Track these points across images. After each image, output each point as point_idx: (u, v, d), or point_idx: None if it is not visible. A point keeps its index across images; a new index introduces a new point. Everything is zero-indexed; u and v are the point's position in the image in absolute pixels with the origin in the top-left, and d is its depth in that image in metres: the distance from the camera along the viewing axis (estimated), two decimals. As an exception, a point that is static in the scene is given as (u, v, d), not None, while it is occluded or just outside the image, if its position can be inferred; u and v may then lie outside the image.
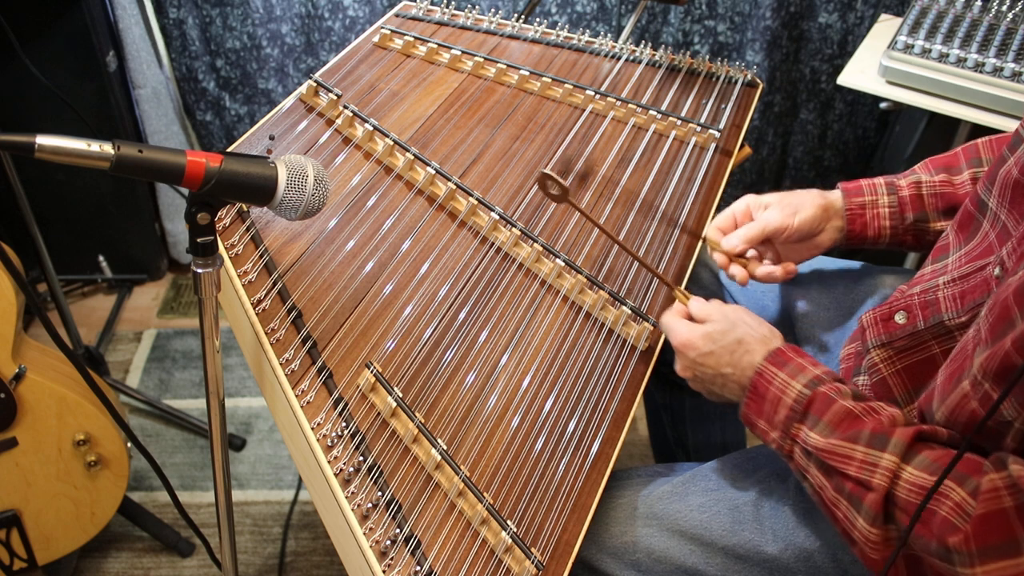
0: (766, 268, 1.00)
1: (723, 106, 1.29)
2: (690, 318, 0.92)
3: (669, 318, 0.93)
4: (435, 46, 1.27)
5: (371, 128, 1.11)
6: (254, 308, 0.93)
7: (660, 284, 1.05)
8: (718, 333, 0.87)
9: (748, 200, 1.02)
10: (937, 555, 0.69)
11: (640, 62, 1.35)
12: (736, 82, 1.34)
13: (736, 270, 1.00)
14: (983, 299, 0.76)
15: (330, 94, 1.13)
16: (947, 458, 0.71)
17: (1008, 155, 0.82)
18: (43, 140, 0.65)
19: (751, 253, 1.02)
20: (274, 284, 0.95)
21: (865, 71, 1.46)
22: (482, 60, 1.25)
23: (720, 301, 0.93)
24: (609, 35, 1.47)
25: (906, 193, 0.99)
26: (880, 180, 1.00)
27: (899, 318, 0.85)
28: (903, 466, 0.72)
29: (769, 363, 0.83)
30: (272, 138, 1.10)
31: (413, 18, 1.34)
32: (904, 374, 0.85)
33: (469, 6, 1.38)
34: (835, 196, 1.01)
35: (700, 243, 1.12)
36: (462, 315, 0.97)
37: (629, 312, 1.00)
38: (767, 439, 0.83)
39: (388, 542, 0.80)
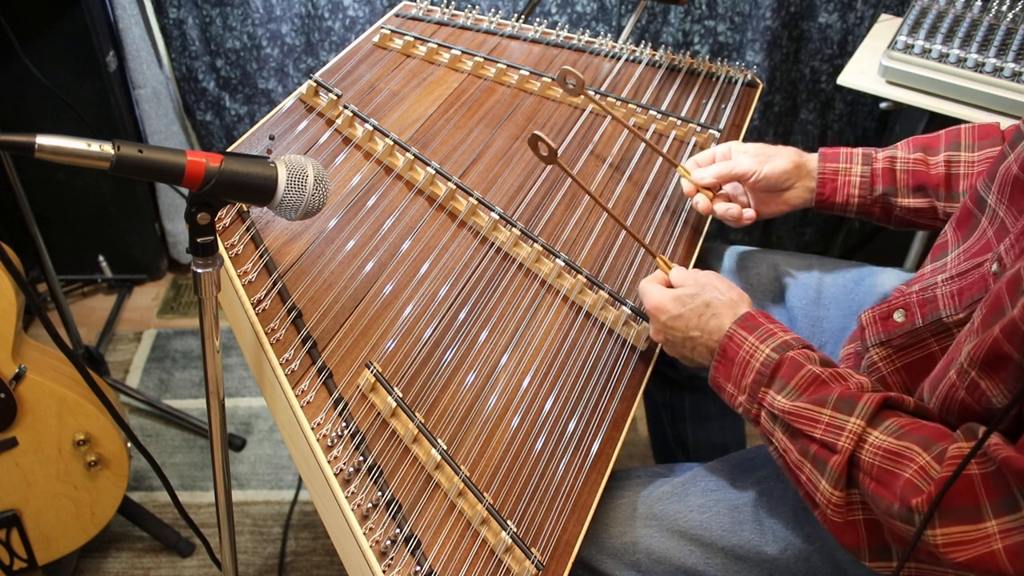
0: (725, 206, 1.05)
1: (723, 106, 1.29)
2: (668, 285, 0.94)
3: (645, 283, 0.95)
4: (435, 46, 1.27)
5: (371, 128, 1.11)
6: (254, 308, 0.93)
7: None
8: (687, 296, 0.89)
9: (731, 144, 1.07)
10: (899, 516, 0.69)
11: (640, 62, 1.35)
12: (736, 82, 1.34)
13: (700, 198, 1.05)
14: (980, 295, 0.76)
15: (330, 94, 1.13)
16: (913, 425, 0.72)
17: (1008, 152, 0.82)
18: (43, 140, 0.65)
19: (726, 193, 1.07)
20: (274, 284, 0.95)
21: (865, 71, 1.46)
22: (482, 60, 1.25)
23: (697, 269, 0.95)
24: (609, 35, 1.47)
25: (880, 166, 1.01)
26: (859, 150, 1.03)
27: (897, 316, 0.85)
28: (869, 430, 0.72)
29: (739, 327, 0.84)
30: (272, 138, 1.10)
31: (413, 18, 1.34)
32: (903, 372, 0.85)
33: (469, 6, 1.38)
34: (812, 157, 1.04)
35: (700, 241, 1.12)
36: (462, 315, 0.97)
37: (629, 312, 1.00)
38: (734, 403, 0.84)
39: (388, 542, 0.80)
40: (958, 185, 0.97)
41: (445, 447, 0.86)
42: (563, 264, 1.02)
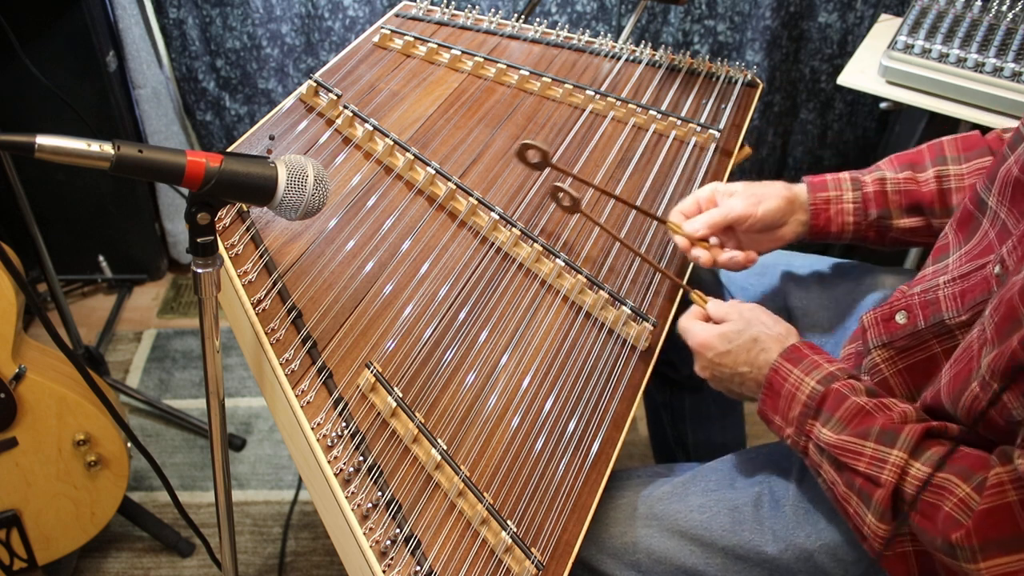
0: (729, 253, 0.99)
1: (723, 106, 1.29)
2: (707, 320, 0.93)
3: (686, 320, 0.93)
4: (435, 46, 1.27)
5: (371, 128, 1.11)
6: (254, 308, 0.93)
7: (660, 284, 1.05)
8: (734, 333, 0.88)
9: (714, 187, 1.01)
10: (942, 551, 0.69)
11: (640, 62, 1.35)
12: (736, 82, 1.34)
13: (699, 252, 0.99)
14: (983, 297, 0.76)
15: (330, 94, 1.13)
16: (955, 455, 0.72)
17: (1008, 153, 0.82)
18: (43, 140, 0.65)
19: (713, 241, 1.01)
20: (274, 284, 0.95)
21: (865, 71, 1.46)
22: (482, 60, 1.25)
23: (738, 301, 0.93)
24: (609, 35, 1.47)
25: (871, 189, 0.99)
26: (845, 175, 1.01)
27: (900, 318, 0.85)
28: (911, 462, 0.72)
29: (784, 360, 0.84)
30: (272, 138, 1.10)
31: (413, 18, 1.34)
32: (906, 374, 0.85)
33: (469, 6, 1.38)
34: (800, 189, 1.01)
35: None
36: (462, 315, 0.97)
37: (629, 312, 1.00)
38: (783, 435, 0.84)
39: (388, 542, 0.80)
40: (951, 199, 0.96)
41: (445, 447, 0.86)
42: (563, 264, 1.02)
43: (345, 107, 1.13)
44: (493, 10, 1.45)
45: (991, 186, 0.83)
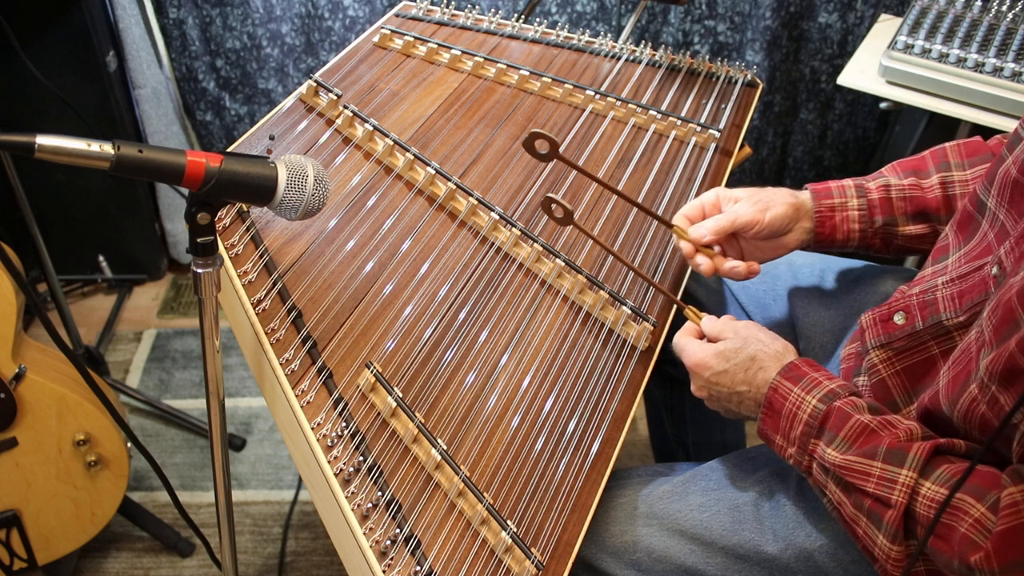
0: (731, 263, 0.96)
1: (723, 106, 1.29)
2: (702, 337, 0.91)
3: (681, 338, 0.92)
4: (435, 46, 1.27)
5: (371, 128, 1.11)
6: (254, 308, 0.93)
7: (661, 284, 1.05)
8: (731, 351, 0.86)
9: (718, 192, 0.99)
10: (960, 572, 0.68)
11: (640, 62, 1.35)
12: (736, 82, 1.34)
13: (702, 260, 0.96)
14: (980, 298, 0.76)
15: (330, 94, 1.13)
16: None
17: (1007, 154, 0.82)
18: (43, 140, 0.65)
19: (716, 249, 0.99)
20: (274, 284, 0.95)
21: (865, 71, 1.46)
22: (482, 60, 1.25)
23: (731, 317, 0.92)
24: (609, 35, 1.47)
25: (875, 196, 0.97)
26: (849, 182, 0.99)
27: (898, 319, 0.85)
28: (921, 481, 0.71)
29: (783, 378, 0.83)
30: (272, 138, 1.10)
31: (413, 18, 1.34)
32: (903, 375, 0.85)
33: (469, 6, 1.38)
34: (805, 196, 0.99)
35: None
36: (462, 315, 0.97)
37: (629, 312, 1.00)
38: (784, 455, 0.82)
39: (388, 542, 0.80)
40: (956, 205, 0.95)
41: (445, 447, 0.86)
42: (563, 264, 1.02)
43: (345, 107, 1.13)
44: (493, 10, 1.45)
45: (990, 187, 0.83)
